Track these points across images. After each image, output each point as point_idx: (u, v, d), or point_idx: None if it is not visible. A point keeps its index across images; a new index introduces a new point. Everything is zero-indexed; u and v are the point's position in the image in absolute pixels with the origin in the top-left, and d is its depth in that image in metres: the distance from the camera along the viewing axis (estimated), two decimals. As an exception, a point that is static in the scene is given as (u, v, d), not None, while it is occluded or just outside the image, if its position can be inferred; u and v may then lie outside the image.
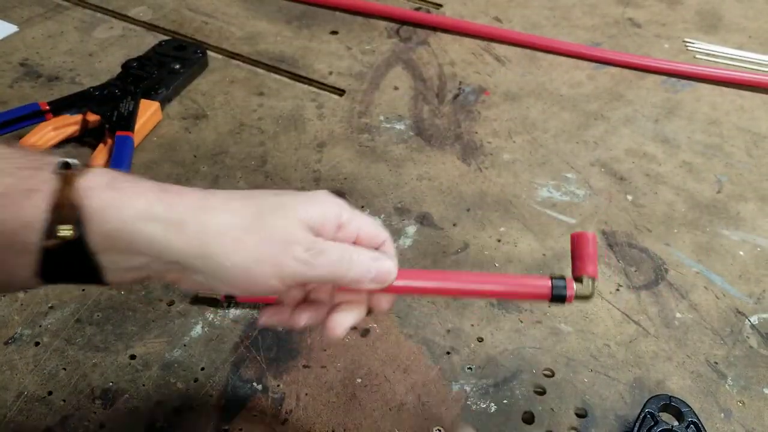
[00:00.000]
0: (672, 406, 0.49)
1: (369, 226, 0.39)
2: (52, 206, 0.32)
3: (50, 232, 0.32)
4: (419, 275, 0.42)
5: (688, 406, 0.49)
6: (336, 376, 0.53)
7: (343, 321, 0.39)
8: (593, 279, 0.41)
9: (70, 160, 0.33)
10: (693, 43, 0.97)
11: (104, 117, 0.73)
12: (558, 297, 0.41)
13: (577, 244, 0.42)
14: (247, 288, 0.36)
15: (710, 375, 0.55)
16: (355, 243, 0.38)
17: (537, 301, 0.44)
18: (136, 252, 0.34)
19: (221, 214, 0.35)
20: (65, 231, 0.32)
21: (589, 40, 0.97)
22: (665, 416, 0.49)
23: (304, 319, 0.40)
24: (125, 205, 0.33)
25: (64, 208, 0.32)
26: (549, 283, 0.41)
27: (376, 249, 0.39)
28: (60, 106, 0.73)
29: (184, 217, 0.34)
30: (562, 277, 0.42)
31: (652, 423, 0.48)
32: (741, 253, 0.66)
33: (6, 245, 0.32)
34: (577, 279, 0.42)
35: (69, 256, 0.33)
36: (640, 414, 0.48)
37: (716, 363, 0.56)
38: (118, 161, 0.68)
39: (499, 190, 0.71)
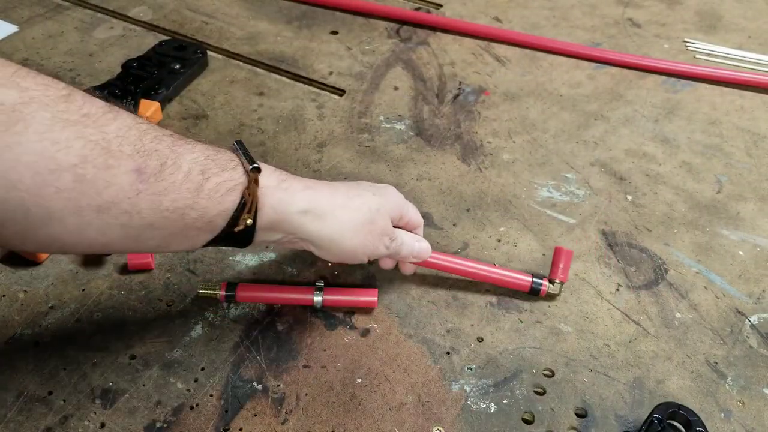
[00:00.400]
0: (680, 414, 0.49)
1: (414, 215, 0.55)
2: (242, 201, 0.42)
3: (237, 219, 0.43)
4: (442, 257, 0.58)
5: (696, 416, 0.48)
6: (336, 376, 0.53)
7: (386, 264, 0.57)
8: (562, 283, 0.59)
9: (256, 164, 0.43)
10: (693, 43, 0.97)
11: (104, 117, 0.73)
12: (534, 291, 0.59)
13: (556, 255, 0.59)
14: (346, 260, 0.51)
15: (710, 375, 0.55)
16: (404, 227, 0.55)
17: (519, 290, 0.60)
18: (286, 231, 0.47)
19: (350, 212, 0.48)
20: (249, 219, 0.43)
21: (588, 41, 0.97)
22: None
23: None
24: (290, 203, 0.46)
25: (249, 203, 0.43)
26: (531, 279, 0.58)
27: (412, 231, 0.56)
28: (60, 106, 0.73)
29: (327, 211, 0.47)
30: (541, 277, 0.59)
31: (659, 429, 0.48)
32: (740, 253, 0.66)
33: (203, 227, 0.42)
34: (551, 281, 0.59)
35: (239, 234, 0.44)
36: (647, 419, 0.48)
37: (716, 363, 0.56)
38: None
39: (498, 190, 0.71)
